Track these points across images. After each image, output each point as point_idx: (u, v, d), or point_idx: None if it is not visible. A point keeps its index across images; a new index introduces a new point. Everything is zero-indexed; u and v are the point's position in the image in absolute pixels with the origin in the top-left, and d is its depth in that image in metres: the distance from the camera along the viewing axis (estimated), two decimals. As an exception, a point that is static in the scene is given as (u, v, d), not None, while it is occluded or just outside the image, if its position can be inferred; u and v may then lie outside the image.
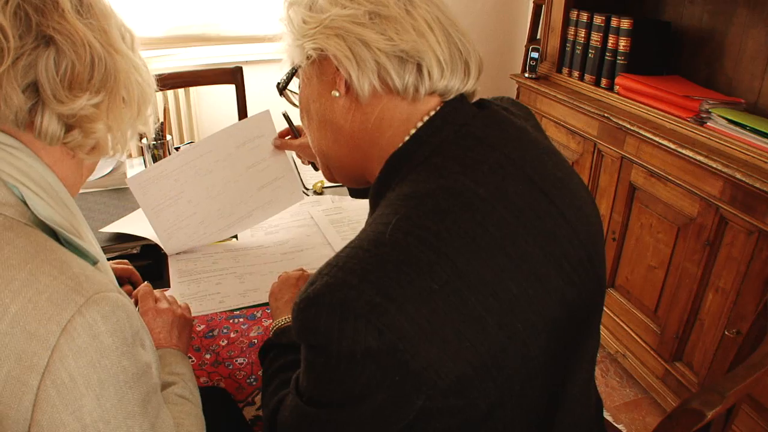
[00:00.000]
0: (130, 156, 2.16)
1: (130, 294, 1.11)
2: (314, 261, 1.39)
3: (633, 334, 2.17)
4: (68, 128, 0.70)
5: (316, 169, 1.48)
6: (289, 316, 1.03)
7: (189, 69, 2.51)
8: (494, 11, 3.32)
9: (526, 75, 2.65)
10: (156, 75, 0.81)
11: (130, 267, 1.24)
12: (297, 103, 0.89)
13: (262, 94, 3.03)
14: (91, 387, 0.62)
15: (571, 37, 2.46)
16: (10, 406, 0.60)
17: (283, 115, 1.40)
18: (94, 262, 0.71)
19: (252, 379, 1.11)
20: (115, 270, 1.15)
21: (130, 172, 1.85)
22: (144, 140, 1.68)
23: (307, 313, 0.64)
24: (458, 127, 0.76)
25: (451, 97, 0.79)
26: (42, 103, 0.67)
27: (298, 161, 1.60)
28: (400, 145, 0.77)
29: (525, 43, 3.07)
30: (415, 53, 0.74)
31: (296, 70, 0.84)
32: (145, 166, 1.82)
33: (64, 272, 0.63)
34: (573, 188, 0.80)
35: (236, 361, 1.15)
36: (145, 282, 1.10)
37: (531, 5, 3.08)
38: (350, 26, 0.74)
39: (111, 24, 0.73)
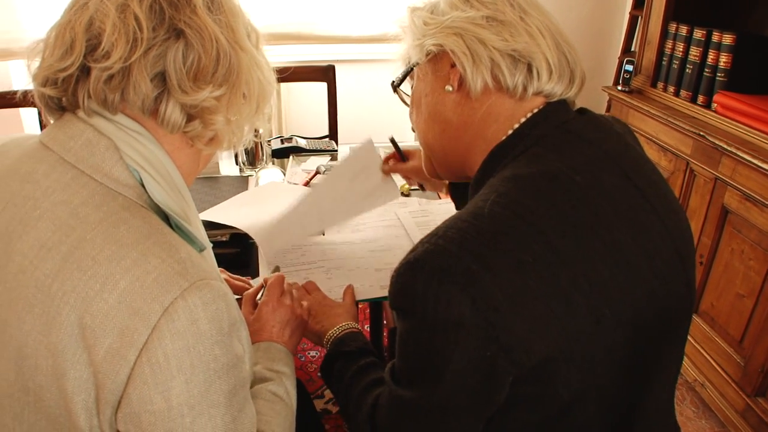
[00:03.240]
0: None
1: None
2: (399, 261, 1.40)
3: (714, 364, 2.08)
4: (189, 118, 0.74)
5: (424, 190, 1.50)
6: (342, 324, 1.06)
7: (282, 65, 2.58)
8: (588, 21, 3.25)
9: (619, 88, 2.58)
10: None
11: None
12: (407, 101, 0.96)
13: (352, 93, 3.09)
14: (182, 370, 0.64)
15: (668, 51, 2.38)
16: (108, 377, 0.63)
17: (390, 140, 1.42)
18: (201, 249, 0.74)
19: (322, 373, 1.13)
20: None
21: (222, 163, 1.93)
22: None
23: (405, 276, 0.69)
24: (559, 124, 0.80)
25: (554, 100, 0.83)
26: (167, 92, 0.71)
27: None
28: (503, 138, 0.81)
29: (618, 55, 2.99)
30: (527, 53, 0.79)
31: (412, 69, 0.90)
32: (236, 159, 1.89)
33: (172, 255, 0.66)
34: (666, 193, 0.82)
35: (308, 354, 1.18)
36: (279, 272, 1.13)
37: (627, 16, 2.99)
38: (469, 26, 0.80)
39: (238, 22, 0.77)
